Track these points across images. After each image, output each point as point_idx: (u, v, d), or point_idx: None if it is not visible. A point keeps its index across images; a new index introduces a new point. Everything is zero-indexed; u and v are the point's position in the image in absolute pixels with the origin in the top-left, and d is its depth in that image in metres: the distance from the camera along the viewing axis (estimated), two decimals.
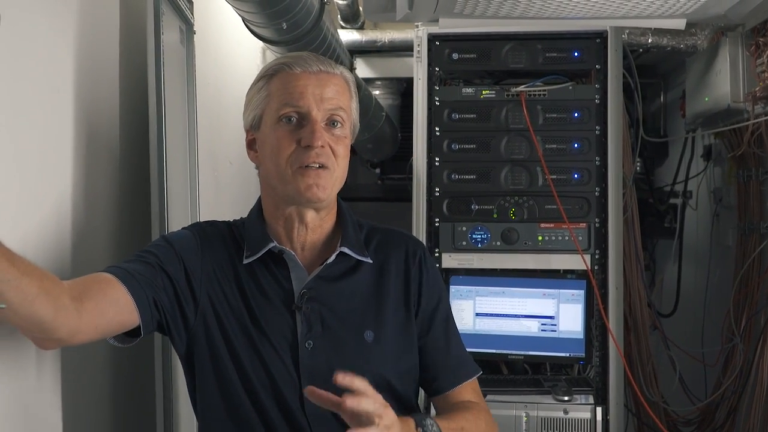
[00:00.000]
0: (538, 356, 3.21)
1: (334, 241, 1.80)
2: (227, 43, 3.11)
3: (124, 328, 1.62)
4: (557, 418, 3.04)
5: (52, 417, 1.71)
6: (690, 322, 4.26)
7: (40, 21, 1.65)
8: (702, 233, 4.34)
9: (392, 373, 1.77)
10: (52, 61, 1.71)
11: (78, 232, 1.80)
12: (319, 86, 1.72)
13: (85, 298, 1.50)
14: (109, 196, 2.01)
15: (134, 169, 2.13)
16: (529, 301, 3.19)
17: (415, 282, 1.83)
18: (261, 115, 1.76)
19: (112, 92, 2.05)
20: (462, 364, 1.92)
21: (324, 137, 1.70)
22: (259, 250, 1.75)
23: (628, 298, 3.77)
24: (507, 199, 3.19)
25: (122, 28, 2.09)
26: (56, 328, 1.43)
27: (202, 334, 1.71)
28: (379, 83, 4.46)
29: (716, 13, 2.52)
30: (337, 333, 1.73)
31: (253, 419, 1.69)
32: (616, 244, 3.13)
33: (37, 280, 1.35)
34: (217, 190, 2.97)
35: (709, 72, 3.70)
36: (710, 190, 4.25)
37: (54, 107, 1.73)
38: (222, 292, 1.73)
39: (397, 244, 1.87)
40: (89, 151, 1.88)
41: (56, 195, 1.73)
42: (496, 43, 3.18)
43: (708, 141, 4.25)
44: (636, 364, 3.80)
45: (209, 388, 1.72)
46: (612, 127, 3.14)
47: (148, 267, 1.67)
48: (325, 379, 1.64)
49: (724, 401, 3.72)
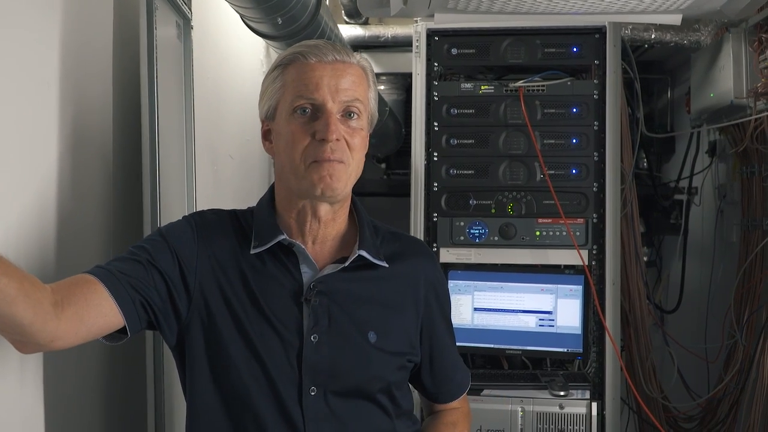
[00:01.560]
0: (536, 351, 3.22)
1: (346, 238, 1.78)
2: (228, 38, 3.11)
3: (109, 330, 1.59)
4: (553, 412, 3.05)
5: (35, 415, 1.70)
6: (694, 318, 4.26)
7: (28, 15, 1.66)
8: (706, 229, 4.34)
9: (392, 377, 1.75)
10: (39, 54, 1.71)
11: (65, 229, 1.79)
12: (334, 77, 1.67)
13: (66, 303, 1.48)
14: (100, 191, 2.00)
15: (127, 165, 2.12)
16: (527, 296, 3.19)
17: (429, 297, 1.83)
18: (276, 105, 1.72)
19: (105, 87, 2.04)
20: (461, 378, 1.95)
21: (339, 130, 1.65)
22: (268, 241, 1.71)
23: (628, 294, 3.77)
24: (505, 195, 3.20)
25: (116, 23, 2.08)
26: (34, 333, 1.41)
27: (195, 326, 1.68)
28: (384, 78, 4.46)
29: (711, 9, 2.50)
30: (342, 330, 1.70)
31: (244, 412, 1.67)
32: (613, 239, 3.14)
33: (17, 282, 1.34)
34: (216, 184, 2.97)
35: (713, 68, 3.69)
36: (715, 187, 4.25)
37: (41, 101, 1.72)
38: (218, 282, 1.69)
39: (413, 253, 1.85)
40: (77, 146, 1.87)
41: (39, 190, 1.71)
42: (494, 38, 3.20)
43: (713, 137, 4.24)
44: (635, 360, 3.80)
45: (202, 380, 1.69)
46: (610, 122, 3.14)
47: (138, 265, 1.64)
48: (326, 374, 1.67)
49: (725, 397, 3.72)
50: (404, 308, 1.79)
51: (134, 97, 2.10)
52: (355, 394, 1.70)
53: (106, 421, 2.01)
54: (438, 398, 1.93)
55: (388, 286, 1.78)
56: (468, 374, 2.00)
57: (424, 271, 1.84)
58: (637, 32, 3.80)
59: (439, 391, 1.91)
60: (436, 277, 1.86)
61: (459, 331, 3.12)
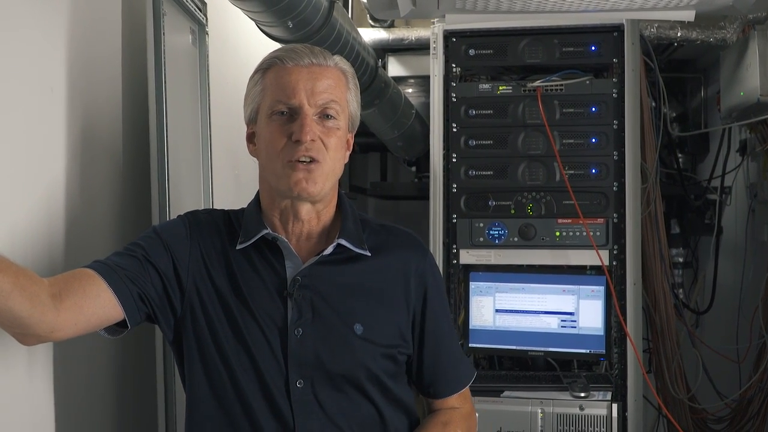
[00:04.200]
0: (558, 353, 3.21)
1: (332, 233, 1.81)
2: (246, 42, 3.14)
3: (109, 322, 1.64)
4: (573, 414, 3.03)
5: (44, 406, 1.75)
6: (726, 319, 4.21)
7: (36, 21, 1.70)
8: (739, 229, 4.29)
9: (380, 368, 1.77)
10: (46, 59, 1.75)
11: (73, 230, 1.83)
12: (310, 80, 1.73)
13: (64, 295, 1.52)
14: (109, 194, 2.04)
15: (137, 167, 2.17)
16: (548, 297, 3.19)
17: (419, 290, 1.84)
18: (257, 108, 1.78)
19: (114, 92, 2.09)
20: (458, 374, 1.94)
21: (314, 131, 1.70)
22: (252, 236, 1.75)
23: (653, 295, 3.73)
24: (524, 195, 3.20)
25: (124, 29, 2.13)
26: (33, 325, 1.46)
27: (188, 321, 1.74)
28: (412, 81, 4.46)
29: (724, 4, 2.48)
30: (327, 322, 1.73)
31: (235, 404, 1.71)
32: (634, 239, 3.12)
33: (12, 277, 1.38)
34: (238, 187, 3.01)
35: (740, 65, 3.66)
36: (746, 185, 4.19)
37: (49, 105, 1.77)
38: (209, 278, 1.75)
39: (403, 244, 1.87)
40: (86, 150, 1.91)
41: (48, 193, 1.76)
42: (512, 38, 3.20)
43: (744, 135, 4.18)
44: (662, 361, 3.75)
45: (196, 373, 1.74)
46: (630, 120, 3.13)
47: (134, 260, 1.69)
48: (311, 366, 1.71)
49: (755, 397, 3.66)
50: (393, 299, 1.80)
51: (143, 102, 2.14)
52: (342, 385, 1.73)
53: (117, 411, 2.06)
54: (431, 393, 1.92)
55: (375, 277, 1.80)
56: (469, 372, 1.97)
57: (415, 263, 1.84)
58: (663, 30, 3.77)
59: (432, 385, 1.90)
60: (427, 269, 1.86)
61: (481, 333, 3.19)
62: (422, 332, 1.85)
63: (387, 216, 5.35)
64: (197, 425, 1.75)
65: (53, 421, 1.77)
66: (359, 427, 1.75)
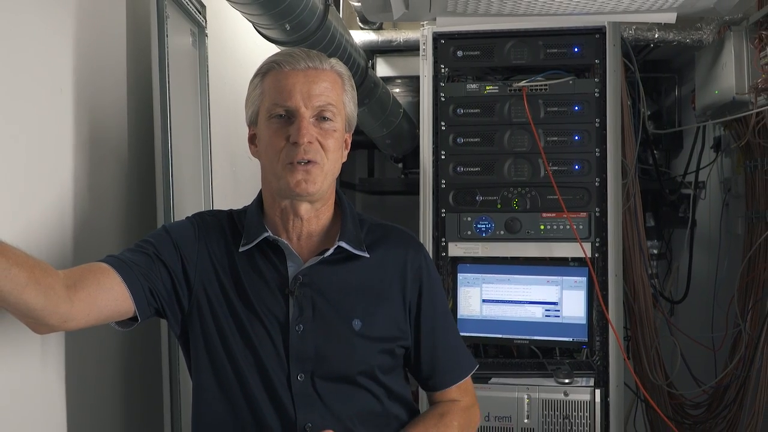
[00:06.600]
0: (542, 341, 3.34)
1: (332, 233, 1.86)
2: (243, 44, 3.20)
3: (120, 315, 1.69)
4: (557, 399, 3.16)
5: (56, 395, 1.80)
6: (701, 308, 4.34)
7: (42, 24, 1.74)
8: (713, 222, 4.41)
9: (377, 364, 1.84)
10: (54, 62, 1.80)
11: (82, 228, 1.88)
12: (307, 83, 1.78)
13: (78, 287, 1.57)
14: (116, 193, 2.09)
15: (142, 166, 2.21)
16: (533, 288, 3.31)
17: (415, 284, 1.89)
18: (257, 111, 1.83)
19: (120, 94, 2.14)
20: (456, 366, 1.98)
21: (311, 133, 1.76)
22: (254, 239, 1.82)
23: (632, 285, 3.87)
24: (510, 190, 3.33)
25: (129, 32, 2.18)
26: (46, 316, 1.49)
27: (195, 318, 1.80)
28: (399, 81, 4.55)
29: (705, 6, 2.55)
30: (326, 319, 1.80)
31: (239, 397, 1.79)
32: (615, 232, 3.25)
33: (27, 270, 1.42)
34: (236, 184, 3.09)
35: (716, 65, 3.77)
36: (720, 180, 4.33)
37: (57, 107, 1.81)
38: (216, 277, 1.81)
39: (398, 242, 1.93)
40: (94, 150, 1.95)
41: (58, 192, 1.80)
42: (498, 40, 3.33)
43: (718, 133, 4.32)
44: (641, 348, 3.89)
45: (202, 367, 1.81)
46: (611, 119, 3.26)
47: (146, 257, 1.76)
48: (312, 361, 1.79)
49: (731, 384, 3.80)
50: (390, 295, 1.87)
51: (148, 103, 2.20)
52: (341, 379, 1.81)
53: (125, 400, 2.11)
54: (431, 385, 1.98)
55: (373, 275, 1.86)
56: (468, 365, 2.01)
57: (411, 259, 1.91)
58: (641, 32, 3.90)
59: (431, 378, 1.96)
60: (422, 265, 1.92)
61: (469, 322, 3.31)
62: (418, 325, 1.91)
63: (374, 210, 5.44)
64: (203, 416, 1.82)
65: (64, 406, 1.81)
66: (358, 418, 1.82)
